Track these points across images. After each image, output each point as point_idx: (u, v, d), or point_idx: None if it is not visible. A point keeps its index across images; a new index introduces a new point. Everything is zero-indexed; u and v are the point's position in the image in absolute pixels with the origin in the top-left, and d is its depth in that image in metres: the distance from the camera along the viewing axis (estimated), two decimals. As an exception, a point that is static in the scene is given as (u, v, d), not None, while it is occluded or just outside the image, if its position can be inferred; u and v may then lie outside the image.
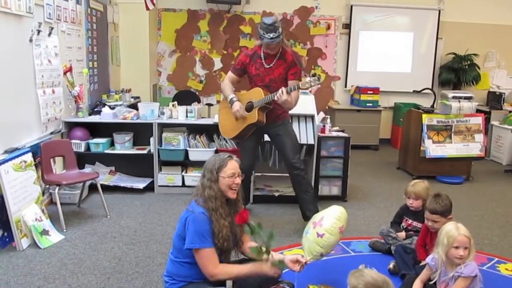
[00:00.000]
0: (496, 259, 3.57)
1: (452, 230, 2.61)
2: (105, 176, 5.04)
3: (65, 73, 4.69)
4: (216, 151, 4.84)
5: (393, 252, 3.39)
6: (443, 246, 2.60)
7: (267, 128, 4.04)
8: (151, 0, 6.21)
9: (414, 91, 6.63)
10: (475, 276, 2.55)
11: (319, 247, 2.72)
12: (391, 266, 3.26)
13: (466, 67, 7.80)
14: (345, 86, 7.93)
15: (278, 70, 3.94)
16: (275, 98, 3.71)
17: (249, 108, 3.93)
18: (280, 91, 3.68)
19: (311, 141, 4.65)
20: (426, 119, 5.74)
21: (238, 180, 2.54)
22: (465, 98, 5.89)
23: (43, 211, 3.85)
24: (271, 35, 3.71)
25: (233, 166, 2.52)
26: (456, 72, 7.79)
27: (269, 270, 2.44)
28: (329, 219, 2.77)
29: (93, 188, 4.60)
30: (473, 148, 5.83)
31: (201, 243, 2.40)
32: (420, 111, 5.92)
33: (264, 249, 2.45)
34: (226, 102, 4.14)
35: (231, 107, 3.96)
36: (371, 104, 7.54)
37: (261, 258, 2.46)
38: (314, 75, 3.69)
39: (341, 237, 2.84)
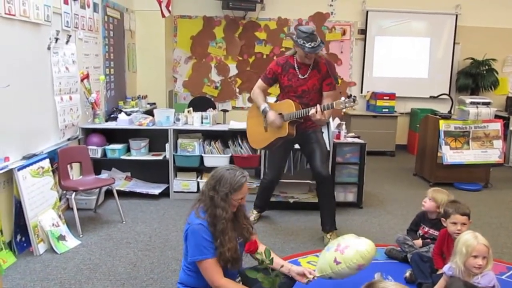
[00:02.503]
0: (516, 268, 3.50)
1: (470, 239, 2.56)
2: (121, 181, 5.08)
3: (82, 80, 4.75)
4: (231, 158, 4.85)
5: (409, 260, 3.34)
6: (461, 255, 2.56)
7: (297, 137, 3.95)
8: (167, 7, 6.26)
9: (431, 96, 6.56)
10: (493, 287, 2.49)
11: (330, 271, 2.62)
12: (407, 274, 3.22)
13: (484, 72, 7.70)
14: (361, 92, 7.88)
15: (312, 81, 3.86)
16: (309, 114, 3.64)
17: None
18: (314, 110, 3.61)
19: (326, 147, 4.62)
20: (443, 125, 5.67)
21: (244, 202, 2.54)
22: (483, 103, 5.81)
23: (60, 216, 3.89)
24: (313, 44, 3.63)
25: (245, 190, 2.49)
26: (474, 78, 7.70)
27: None
28: (354, 252, 2.58)
29: (109, 193, 4.63)
30: (492, 154, 5.73)
31: (202, 255, 2.40)
32: (437, 117, 5.85)
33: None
34: (255, 110, 4.08)
35: (265, 117, 3.88)
36: (387, 110, 7.48)
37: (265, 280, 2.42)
38: (350, 96, 3.59)
39: (356, 273, 2.64)
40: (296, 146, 4.22)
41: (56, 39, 4.19)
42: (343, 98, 3.57)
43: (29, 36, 3.80)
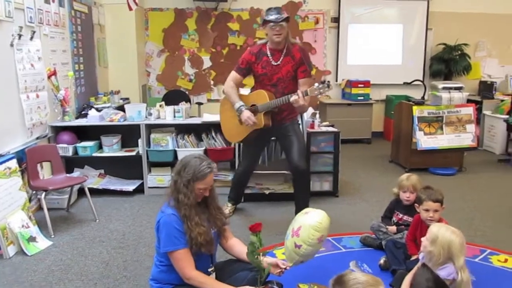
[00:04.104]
0: (489, 250, 3.53)
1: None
2: (94, 179, 4.99)
3: (49, 77, 4.63)
4: (205, 151, 4.80)
5: (384, 247, 3.35)
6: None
7: (274, 130, 3.93)
8: (134, 0, 6.14)
9: (404, 83, 6.58)
10: (453, 280, 2.48)
11: (297, 256, 2.65)
12: (381, 261, 3.22)
13: (457, 57, 7.77)
14: (336, 80, 7.86)
15: (286, 67, 3.81)
16: (291, 100, 3.61)
17: (253, 112, 3.84)
18: (295, 96, 3.59)
19: (300, 137, 4.59)
20: (416, 111, 5.71)
21: (207, 194, 2.50)
22: (455, 88, 5.86)
23: (30, 217, 3.79)
24: (277, 16, 3.65)
25: (209, 181, 2.45)
26: (447, 63, 7.77)
27: None
28: (307, 230, 2.61)
29: (82, 192, 4.53)
30: (465, 138, 5.80)
31: (174, 246, 2.38)
32: (411, 103, 5.88)
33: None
34: (228, 103, 4.01)
35: (240, 116, 3.81)
36: (362, 98, 7.49)
37: (253, 260, 2.45)
38: (323, 82, 3.59)
39: (321, 246, 2.74)
40: (273, 138, 4.21)
41: (20, 36, 4.06)
42: (316, 84, 3.59)
43: (-11, 33, 3.68)
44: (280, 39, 3.74)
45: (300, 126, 4.52)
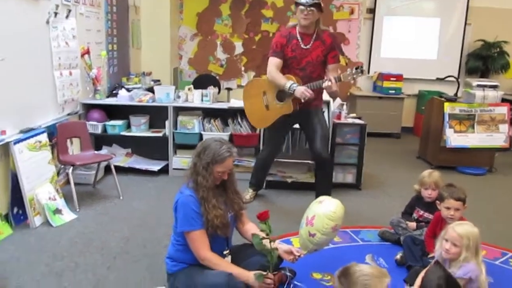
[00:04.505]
0: (510, 254, 3.45)
1: (453, 225, 2.56)
2: (121, 158, 5.10)
3: (82, 56, 4.73)
4: (231, 136, 4.83)
5: (402, 242, 3.32)
6: (440, 236, 2.57)
7: (300, 115, 3.94)
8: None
9: (437, 78, 6.43)
10: (469, 279, 2.45)
11: (312, 244, 2.67)
12: (398, 257, 3.20)
13: (495, 54, 7.53)
14: (368, 73, 7.74)
15: (316, 52, 3.82)
16: (324, 86, 3.65)
17: (281, 97, 3.86)
18: (328, 82, 3.63)
19: (326, 127, 4.57)
20: (448, 107, 5.59)
21: (225, 177, 2.54)
22: (490, 86, 5.70)
23: (57, 190, 3.93)
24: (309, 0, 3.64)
25: (228, 164, 2.49)
26: (484, 60, 7.54)
27: (253, 282, 2.40)
28: (321, 219, 2.63)
29: (109, 169, 4.64)
30: (497, 138, 5.64)
31: (190, 226, 2.43)
32: (442, 99, 5.76)
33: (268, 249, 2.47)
34: (252, 90, 4.06)
35: (294, 93, 3.72)
36: (394, 91, 7.37)
37: (262, 248, 2.46)
38: (357, 67, 3.62)
39: (336, 234, 2.77)
40: (296, 125, 4.20)
41: (55, 14, 4.16)
42: (349, 70, 3.62)
43: (27, 10, 3.78)
44: (307, 23, 3.74)
45: (325, 115, 4.51)
